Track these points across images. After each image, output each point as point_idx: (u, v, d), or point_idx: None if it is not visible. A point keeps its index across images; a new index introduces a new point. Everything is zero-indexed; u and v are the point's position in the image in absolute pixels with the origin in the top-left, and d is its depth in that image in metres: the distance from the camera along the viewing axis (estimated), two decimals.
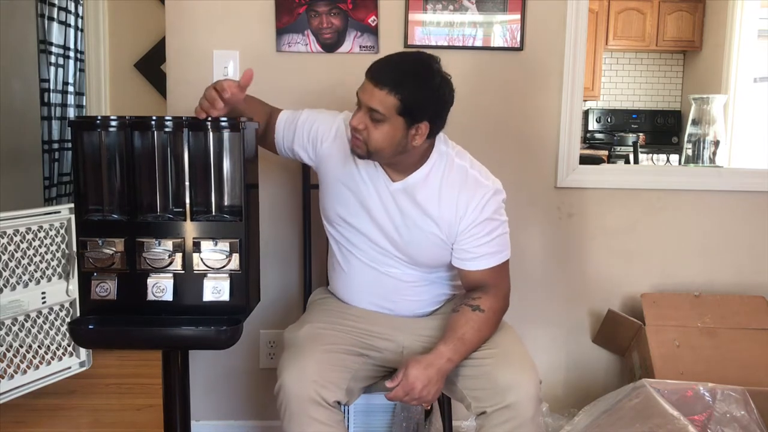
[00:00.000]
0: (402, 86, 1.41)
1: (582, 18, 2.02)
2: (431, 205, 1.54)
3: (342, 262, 1.67)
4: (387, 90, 1.41)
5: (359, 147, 1.48)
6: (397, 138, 1.45)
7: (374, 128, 1.44)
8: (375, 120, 1.43)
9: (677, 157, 4.73)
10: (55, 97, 3.52)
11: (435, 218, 1.54)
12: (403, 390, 1.42)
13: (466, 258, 1.56)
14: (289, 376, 1.42)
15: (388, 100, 1.41)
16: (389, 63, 1.47)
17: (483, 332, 1.50)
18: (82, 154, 1.50)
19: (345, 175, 1.59)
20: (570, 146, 2.08)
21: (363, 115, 1.45)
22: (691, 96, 2.41)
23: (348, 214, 1.60)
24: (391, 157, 1.50)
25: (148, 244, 1.49)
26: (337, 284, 1.71)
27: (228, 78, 1.51)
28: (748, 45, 4.56)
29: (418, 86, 1.43)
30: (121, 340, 1.59)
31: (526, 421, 1.40)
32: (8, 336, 2.28)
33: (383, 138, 1.44)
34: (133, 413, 2.40)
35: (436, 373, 1.43)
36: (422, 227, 1.55)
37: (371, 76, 1.44)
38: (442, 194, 1.54)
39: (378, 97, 1.41)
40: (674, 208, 2.14)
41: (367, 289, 1.64)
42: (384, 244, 1.59)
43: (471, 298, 1.53)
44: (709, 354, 1.97)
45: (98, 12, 3.76)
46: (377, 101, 1.42)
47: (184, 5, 1.98)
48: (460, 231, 1.54)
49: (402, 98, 1.41)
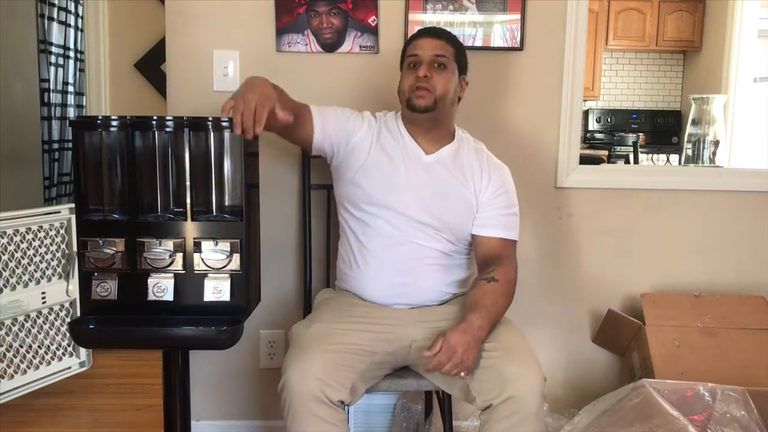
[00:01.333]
0: (454, 39, 1.73)
1: (582, 18, 2.03)
2: (463, 172, 1.71)
3: (363, 251, 1.69)
4: (445, 40, 1.69)
5: (426, 97, 1.65)
6: (454, 84, 1.69)
7: (439, 75, 1.66)
8: (440, 66, 1.66)
9: (677, 157, 4.73)
10: (55, 97, 3.52)
11: (466, 184, 1.71)
12: (446, 355, 1.45)
13: (486, 225, 1.71)
14: (294, 373, 1.42)
15: (447, 48, 1.69)
16: (434, 27, 1.81)
17: (500, 301, 1.61)
18: (83, 154, 1.50)
19: (376, 156, 1.70)
20: (570, 146, 2.08)
21: (427, 66, 1.66)
22: (691, 96, 2.41)
23: (379, 192, 1.67)
24: (448, 107, 1.70)
25: (149, 244, 1.49)
26: (354, 273, 1.71)
27: (267, 96, 1.46)
28: (748, 45, 4.56)
29: (461, 44, 1.75)
30: (122, 340, 1.59)
31: (529, 416, 1.41)
32: (8, 336, 2.28)
33: (447, 82, 1.67)
34: (133, 413, 2.40)
35: (473, 338, 1.48)
36: (456, 192, 1.70)
37: (428, 33, 1.71)
38: (472, 165, 1.73)
39: (440, 45, 1.68)
40: (674, 208, 2.14)
41: (387, 266, 1.67)
42: (414, 214, 1.67)
43: (485, 272, 1.65)
44: (709, 354, 1.97)
45: (98, 12, 3.76)
46: (441, 48, 1.67)
47: (184, 5, 1.98)
48: (484, 200, 1.71)
49: (456, 47, 1.71)
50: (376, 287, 1.68)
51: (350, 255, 1.72)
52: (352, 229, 1.72)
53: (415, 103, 1.65)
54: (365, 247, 1.69)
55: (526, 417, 1.40)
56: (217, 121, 1.49)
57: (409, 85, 1.66)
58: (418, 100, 1.65)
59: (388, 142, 1.71)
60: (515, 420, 1.40)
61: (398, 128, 1.73)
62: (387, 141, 1.72)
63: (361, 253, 1.70)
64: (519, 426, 1.41)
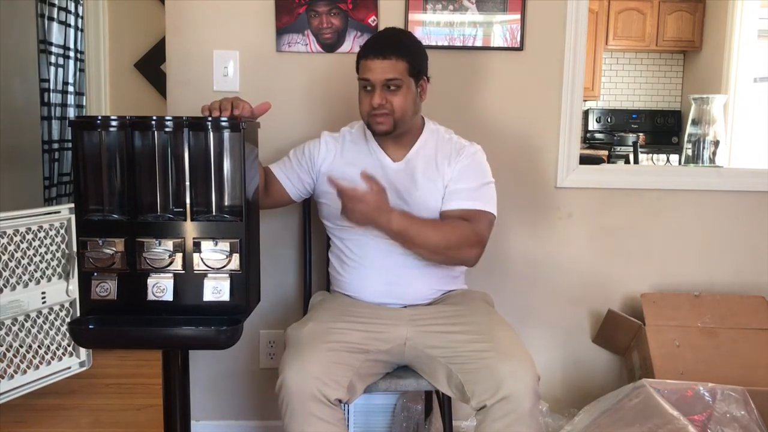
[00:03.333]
0: (403, 50, 1.61)
1: (582, 18, 2.03)
2: (433, 170, 1.70)
3: (350, 255, 1.72)
4: (395, 58, 1.59)
5: (384, 123, 1.63)
6: (412, 98, 1.64)
7: (394, 97, 1.61)
8: (394, 88, 1.60)
9: (677, 157, 4.72)
10: (55, 97, 3.52)
11: (436, 181, 1.69)
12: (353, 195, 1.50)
13: (450, 199, 1.68)
14: (291, 373, 1.42)
15: (399, 65, 1.60)
16: (382, 38, 1.68)
17: (442, 231, 1.61)
18: (83, 154, 1.50)
19: (346, 173, 1.67)
20: (570, 146, 2.08)
21: (380, 92, 1.60)
22: (691, 96, 2.41)
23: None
24: (410, 120, 1.67)
25: (149, 244, 1.48)
26: (345, 278, 1.73)
27: (245, 101, 1.57)
28: (748, 45, 4.55)
29: (414, 46, 1.66)
30: (121, 340, 1.59)
31: (524, 415, 1.41)
32: (8, 336, 2.28)
33: (404, 102, 1.62)
34: (133, 413, 2.40)
35: (379, 215, 1.53)
36: (427, 194, 1.69)
37: (375, 53, 1.60)
38: (438, 160, 1.71)
39: (389, 66, 1.59)
40: (674, 208, 2.14)
41: (374, 268, 1.69)
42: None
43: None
44: (709, 354, 1.97)
45: (98, 12, 3.76)
46: (391, 70, 1.59)
47: (184, 5, 1.98)
48: (451, 178, 1.69)
49: (408, 59, 1.61)
50: (366, 288, 1.70)
51: (338, 260, 1.76)
52: (336, 237, 1.76)
53: (374, 129, 1.65)
54: (351, 252, 1.72)
55: (521, 416, 1.41)
56: (216, 121, 1.49)
57: (366, 111, 1.65)
58: (377, 126, 1.64)
59: (354, 155, 1.73)
60: (510, 420, 1.41)
61: (365, 138, 1.75)
62: (352, 154, 1.73)
63: (348, 257, 1.73)
64: (514, 425, 1.41)
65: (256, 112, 1.59)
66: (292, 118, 2.02)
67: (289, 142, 1.99)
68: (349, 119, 1.86)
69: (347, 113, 1.96)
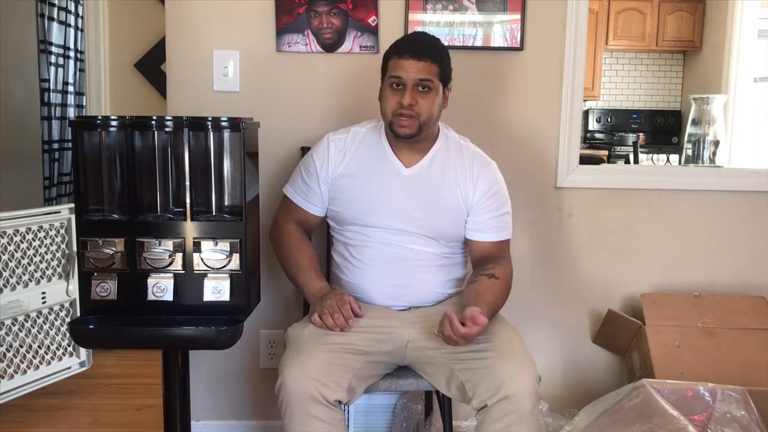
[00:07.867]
0: (437, 55, 1.61)
1: (582, 18, 2.02)
2: (448, 177, 1.69)
3: (355, 255, 1.70)
4: (429, 60, 1.59)
5: (409, 126, 1.60)
6: (439, 103, 1.63)
7: (424, 99, 1.60)
8: (425, 90, 1.59)
9: (677, 157, 4.72)
10: (55, 97, 3.52)
11: (452, 189, 1.68)
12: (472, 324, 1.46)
13: (480, 229, 1.70)
14: (290, 373, 1.42)
15: (432, 68, 1.59)
16: (417, 40, 1.67)
17: (500, 298, 1.63)
18: (83, 154, 1.50)
19: (358, 175, 1.68)
20: (570, 146, 2.08)
21: (411, 91, 1.58)
22: (691, 96, 2.41)
23: (364, 212, 1.67)
24: (432, 126, 1.66)
25: (149, 244, 1.49)
26: (349, 279, 1.72)
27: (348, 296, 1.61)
28: (748, 45, 4.55)
29: (445, 53, 1.66)
30: (121, 340, 1.59)
31: (524, 415, 1.41)
32: (8, 336, 2.28)
33: (432, 105, 1.61)
34: (133, 413, 2.40)
35: (477, 332, 1.49)
36: (442, 201, 1.68)
37: (411, 52, 1.59)
38: (456, 167, 1.70)
39: (424, 68, 1.58)
40: (674, 208, 2.14)
41: (380, 270, 1.68)
42: (398, 226, 1.66)
43: (485, 269, 1.65)
44: (709, 354, 1.97)
45: (98, 12, 3.75)
46: (425, 72, 1.58)
47: (184, 5, 1.98)
48: (474, 203, 1.69)
49: (440, 63, 1.61)
50: (371, 289, 1.69)
51: (343, 261, 1.74)
52: (343, 238, 1.74)
53: (397, 131, 1.62)
54: (357, 254, 1.70)
55: (522, 416, 1.41)
56: (216, 121, 1.49)
57: (392, 109, 1.61)
58: (401, 129, 1.61)
59: (366, 158, 1.70)
60: (510, 420, 1.41)
61: (381, 142, 1.71)
62: (364, 156, 1.70)
63: (353, 259, 1.71)
64: (514, 425, 1.41)
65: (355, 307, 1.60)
66: (292, 118, 2.02)
67: (289, 142, 1.99)
68: (350, 119, 1.86)
69: (347, 113, 1.96)
